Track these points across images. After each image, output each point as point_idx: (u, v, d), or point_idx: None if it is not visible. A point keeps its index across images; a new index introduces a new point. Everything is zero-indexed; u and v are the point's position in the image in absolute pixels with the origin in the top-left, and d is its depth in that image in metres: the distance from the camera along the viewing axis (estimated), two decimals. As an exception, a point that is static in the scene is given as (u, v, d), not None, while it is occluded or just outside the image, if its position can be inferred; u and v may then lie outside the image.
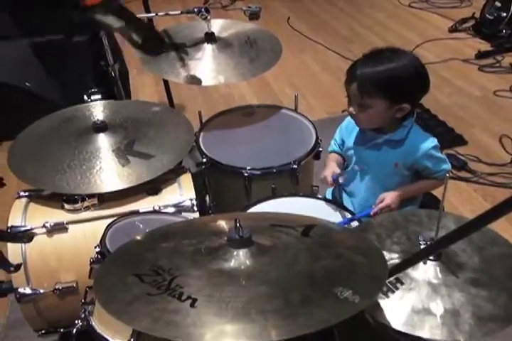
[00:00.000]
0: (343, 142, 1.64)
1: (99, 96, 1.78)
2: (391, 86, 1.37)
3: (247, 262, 0.84)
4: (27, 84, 2.44)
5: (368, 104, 1.40)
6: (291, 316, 0.70)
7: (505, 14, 3.48)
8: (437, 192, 1.83)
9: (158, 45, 1.10)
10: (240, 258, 0.85)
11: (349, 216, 1.45)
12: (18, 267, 1.35)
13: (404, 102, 1.40)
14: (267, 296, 0.75)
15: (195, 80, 1.72)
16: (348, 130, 1.60)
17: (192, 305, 0.72)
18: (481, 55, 3.42)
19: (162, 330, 0.69)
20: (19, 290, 1.39)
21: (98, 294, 0.78)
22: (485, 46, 3.56)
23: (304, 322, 0.69)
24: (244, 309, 0.71)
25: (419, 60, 1.43)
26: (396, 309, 0.96)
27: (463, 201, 2.24)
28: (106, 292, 0.78)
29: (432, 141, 1.46)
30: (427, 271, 1.01)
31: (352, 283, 0.77)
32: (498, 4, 3.53)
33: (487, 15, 3.61)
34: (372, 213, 1.42)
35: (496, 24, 3.55)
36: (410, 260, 0.93)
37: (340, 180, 1.50)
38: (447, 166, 1.49)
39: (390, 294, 0.98)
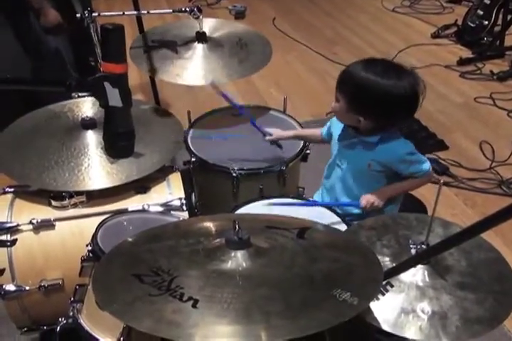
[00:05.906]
0: (331, 134, 1.66)
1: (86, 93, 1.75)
2: (357, 95, 1.37)
3: (245, 263, 0.85)
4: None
5: (337, 98, 1.42)
6: (292, 317, 0.71)
7: (486, 22, 3.54)
8: (420, 195, 1.87)
9: (129, 146, 1.08)
10: (237, 260, 0.85)
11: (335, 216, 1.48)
12: (1, 272, 1.35)
13: (361, 115, 1.39)
14: (267, 298, 0.76)
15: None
16: (337, 124, 1.58)
17: (194, 306, 0.72)
18: (462, 61, 3.48)
19: (164, 330, 0.69)
20: (3, 286, 1.37)
21: (98, 294, 0.78)
22: (466, 53, 3.63)
23: (306, 324, 0.69)
24: (246, 310, 0.72)
25: (410, 89, 1.36)
26: (385, 310, 0.98)
27: (444, 205, 2.28)
28: (106, 292, 0.78)
29: (404, 147, 1.45)
30: (415, 273, 1.02)
31: (350, 285, 0.78)
32: (480, 12, 3.59)
33: (469, 23, 3.68)
34: (361, 206, 1.46)
35: (477, 32, 3.62)
36: (404, 264, 0.95)
37: None
38: (426, 166, 1.48)
39: (380, 296, 1.00)
